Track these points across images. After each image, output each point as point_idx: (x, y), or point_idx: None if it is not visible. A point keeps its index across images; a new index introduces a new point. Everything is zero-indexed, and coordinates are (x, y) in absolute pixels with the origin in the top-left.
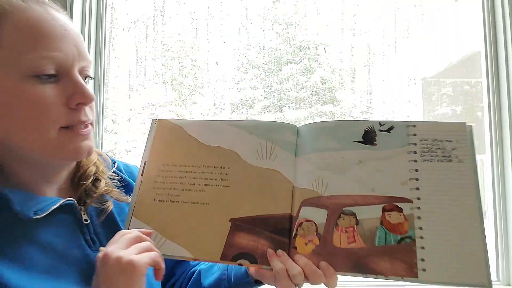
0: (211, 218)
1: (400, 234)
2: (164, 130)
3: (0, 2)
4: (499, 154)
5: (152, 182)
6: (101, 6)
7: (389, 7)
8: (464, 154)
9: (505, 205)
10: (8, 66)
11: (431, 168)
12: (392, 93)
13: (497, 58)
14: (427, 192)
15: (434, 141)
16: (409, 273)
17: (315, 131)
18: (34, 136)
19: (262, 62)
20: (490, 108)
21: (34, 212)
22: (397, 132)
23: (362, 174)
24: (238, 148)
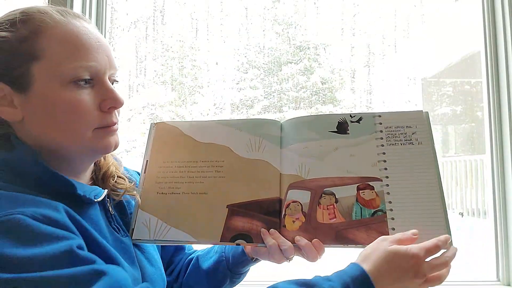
0: (210, 205)
1: (373, 208)
2: (162, 132)
3: (43, 17)
4: (499, 154)
5: (154, 178)
6: (101, 6)
7: (389, 7)
8: (423, 137)
9: (505, 205)
10: (51, 74)
11: (396, 150)
12: (392, 93)
13: (497, 58)
14: (394, 171)
15: (397, 127)
16: None
17: (296, 125)
18: (72, 136)
19: (262, 62)
20: (490, 108)
21: (94, 196)
22: (366, 122)
23: (338, 159)
24: (230, 144)
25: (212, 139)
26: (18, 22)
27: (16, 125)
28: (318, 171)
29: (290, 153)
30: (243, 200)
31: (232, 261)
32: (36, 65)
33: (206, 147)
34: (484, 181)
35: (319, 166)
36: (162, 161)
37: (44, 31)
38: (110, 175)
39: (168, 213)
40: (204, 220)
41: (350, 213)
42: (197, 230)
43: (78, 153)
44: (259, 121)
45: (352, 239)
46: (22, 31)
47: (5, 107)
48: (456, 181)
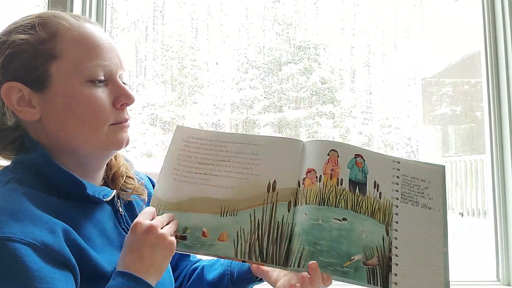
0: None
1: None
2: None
3: (59, 20)
4: (499, 154)
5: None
6: (101, 6)
7: (389, 7)
8: (435, 194)
9: (505, 205)
10: (69, 73)
11: (408, 199)
12: (392, 93)
13: (497, 58)
14: (404, 219)
15: (412, 178)
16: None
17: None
18: (90, 131)
19: (262, 62)
20: (490, 108)
21: (103, 196)
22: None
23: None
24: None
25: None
26: (36, 26)
27: (33, 125)
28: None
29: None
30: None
31: (237, 276)
32: (54, 65)
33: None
34: (484, 181)
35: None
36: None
37: (61, 33)
38: (120, 175)
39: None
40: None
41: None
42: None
43: (93, 150)
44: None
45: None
46: (41, 33)
47: (24, 107)
48: (456, 181)
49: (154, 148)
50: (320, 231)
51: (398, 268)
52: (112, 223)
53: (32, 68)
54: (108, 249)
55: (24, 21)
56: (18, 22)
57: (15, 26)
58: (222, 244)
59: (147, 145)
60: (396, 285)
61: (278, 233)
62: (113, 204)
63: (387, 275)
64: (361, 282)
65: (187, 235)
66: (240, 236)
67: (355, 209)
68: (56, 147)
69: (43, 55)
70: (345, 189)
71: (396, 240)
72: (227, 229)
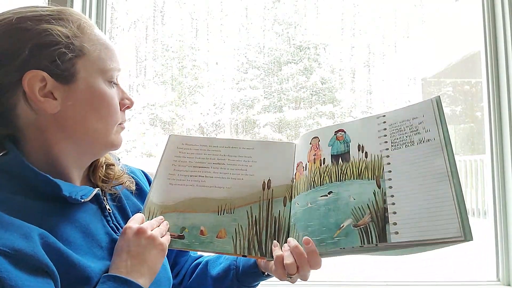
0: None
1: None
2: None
3: (82, 19)
4: (499, 154)
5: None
6: (101, 6)
7: (389, 7)
8: (431, 124)
9: (505, 205)
10: (93, 71)
11: (400, 144)
12: (392, 93)
13: (497, 58)
14: (398, 165)
15: (402, 121)
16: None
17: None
18: (105, 127)
19: (262, 62)
20: (490, 108)
21: (80, 197)
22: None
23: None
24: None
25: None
26: (68, 20)
27: (41, 119)
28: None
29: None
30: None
31: (242, 271)
32: (81, 61)
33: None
34: (484, 181)
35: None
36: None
37: (86, 31)
38: (100, 165)
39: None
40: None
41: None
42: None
43: (99, 146)
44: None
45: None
46: (73, 28)
47: (46, 97)
48: None
49: (154, 148)
50: (310, 214)
51: (397, 216)
52: (99, 222)
53: (63, 60)
54: (94, 250)
55: (47, 11)
56: (37, 11)
57: (38, 14)
58: (220, 241)
59: (147, 145)
60: (397, 234)
61: (275, 227)
62: (99, 202)
63: (384, 227)
64: (354, 244)
65: (185, 234)
66: (239, 232)
67: (340, 178)
68: (59, 143)
69: (74, 50)
70: (328, 165)
71: (391, 189)
72: (225, 226)
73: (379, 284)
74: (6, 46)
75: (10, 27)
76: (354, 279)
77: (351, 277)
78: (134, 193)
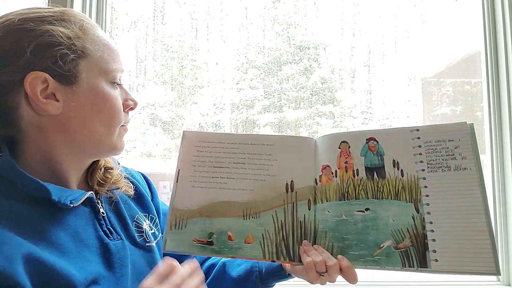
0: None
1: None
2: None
3: (84, 19)
4: (499, 154)
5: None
6: (101, 6)
7: (389, 7)
8: (467, 151)
9: (505, 205)
10: (96, 73)
11: (437, 167)
12: (392, 93)
13: (497, 58)
14: (435, 190)
15: (437, 142)
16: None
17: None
18: (108, 129)
19: (262, 62)
20: (490, 108)
21: (70, 201)
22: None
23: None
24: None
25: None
26: (70, 21)
27: (48, 120)
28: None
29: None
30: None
31: (265, 273)
32: (84, 63)
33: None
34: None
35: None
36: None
37: (89, 32)
38: (98, 168)
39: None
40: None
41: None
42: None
43: (101, 149)
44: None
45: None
46: (75, 29)
47: (48, 99)
48: None
49: (154, 148)
50: (345, 226)
51: (436, 243)
52: (91, 225)
53: (65, 61)
54: (83, 254)
55: (49, 12)
56: (40, 12)
57: (41, 15)
58: (249, 247)
59: (147, 145)
60: (437, 261)
61: (301, 232)
62: (92, 205)
63: (424, 254)
64: (396, 266)
65: (213, 240)
66: (266, 238)
67: (376, 196)
68: (60, 145)
69: (77, 51)
70: (363, 178)
71: (430, 215)
72: (252, 231)
73: (379, 284)
74: (8, 47)
75: (12, 28)
76: None
77: None
78: (132, 197)
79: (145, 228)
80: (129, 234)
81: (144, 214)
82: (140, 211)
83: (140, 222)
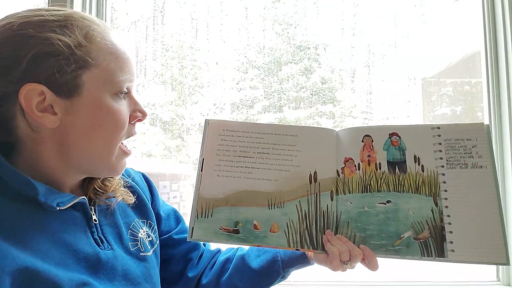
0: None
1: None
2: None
3: (90, 24)
4: (499, 154)
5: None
6: (101, 6)
7: (389, 7)
8: (484, 150)
9: (505, 204)
10: (101, 84)
11: (455, 164)
12: (392, 93)
13: (497, 58)
14: (453, 186)
15: (456, 140)
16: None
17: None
18: (109, 147)
19: (262, 62)
20: (490, 108)
21: (57, 204)
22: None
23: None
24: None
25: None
26: (72, 26)
27: (45, 133)
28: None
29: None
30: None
31: (288, 261)
32: (88, 73)
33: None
34: None
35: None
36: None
37: (96, 40)
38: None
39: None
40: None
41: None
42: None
43: (98, 168)
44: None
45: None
46: (78, 36)
47: (44, 112)
48: None
49: (154, 148)
50: (367, 217)
51: (453, 235)
52: (82, 232)
53: (64, 72)
54: (68, 262)
55: (53, 16)
56: (44, 16)
57: (43, 20)
58: (275, 235)
59: (147, 145)
60: (454, 252)
61: (324, 221)
62: (85, 211)
63: (442, 244)
64: (415, 256)
65: (239, 229)
66: (290, 227)
67: (398, 189)
68: (54, 159)
69: (78, 61)
70: (385, 172)
71: (447, 209)
72: (276, 220)
73: (379, 284)
74: (4, 55)
75: (11, 33)
76: (354, 279)
77: (351, 277)
78: (131, 206)
79: (141, 236)
80: (122, 243)
81: (142, 220)
82: (137, 218)
83: (136, 231)
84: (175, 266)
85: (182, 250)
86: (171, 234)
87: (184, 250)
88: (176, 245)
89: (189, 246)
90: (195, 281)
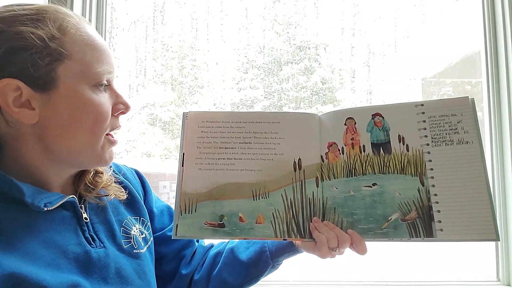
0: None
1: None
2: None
3: (64, 16)
4: (499, 154)
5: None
6: (101, 6)
7: (389, 7)
8: (469, 126)
9: (505, 205)
10: (78, 76)
11: (441, 141)
12: (392, 93)
13: (497, 58)
14: (439, 164)
15: (441, 116)
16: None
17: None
18: (91, 139)
19: (262, 62)
20: (490, 108)
21: (44, 204)
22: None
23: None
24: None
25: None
26: (45, 19)
27: (24, 129)
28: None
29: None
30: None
31: (276, 251)
32: (63, 66)
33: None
34: None
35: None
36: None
37: (70, 32)
38: (88, 171)
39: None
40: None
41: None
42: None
43: (84, 160)
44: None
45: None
46: (51, 29)
47: (21, 108)
48: None
49: (154, 148)
50: (353, 202)
51: (441, 214)
52: (72, 231)
53: (38, 66)
54: (58, 262)
55: (25, 10)
56: (15, 11)
57: (14, 14)
58: (261, 227)
59: (147, 145)
60: (442, 231)
61: (310, 209)
62: (75, 210)
63: (430, 224)
64: (403, 237)
65: (225, 223)
66: (276, 217)
67: (383, 171)
68: (37, 155)
69: (52, 54)
70: (369, 154)
71: (434, 188)
72: (262, 211)
73: (379, 284)
74: None
75: None
76: (354, 279)
77: (351, 277)
78: (123, 203)
79: (133, 234)
80: (115, 241)
81: (135, 217)
82: (130, 215)
83: (129, 228)
84: (169, 263)
85: (175, 248)
86: (164, 231)
87: (177, 247)
88: (169, 242)
89: (183, 244)
90: (189, 278)
